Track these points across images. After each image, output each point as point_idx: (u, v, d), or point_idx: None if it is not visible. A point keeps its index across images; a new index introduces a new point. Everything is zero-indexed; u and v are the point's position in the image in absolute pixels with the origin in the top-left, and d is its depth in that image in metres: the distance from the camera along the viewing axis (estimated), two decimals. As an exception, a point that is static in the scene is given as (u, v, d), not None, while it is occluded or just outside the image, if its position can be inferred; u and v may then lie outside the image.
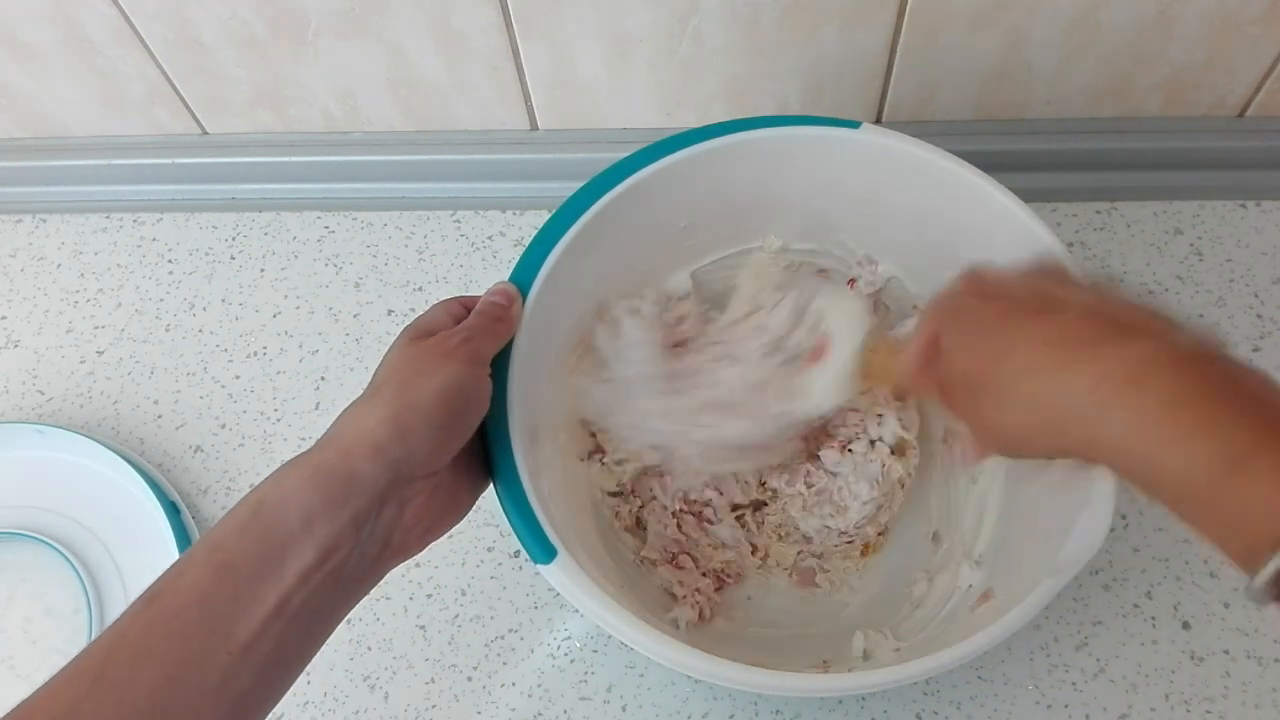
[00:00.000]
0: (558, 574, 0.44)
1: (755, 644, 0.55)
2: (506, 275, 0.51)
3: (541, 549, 0.44)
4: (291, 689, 0.50)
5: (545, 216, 0.52)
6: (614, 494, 0.58)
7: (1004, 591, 0.48)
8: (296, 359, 0.68)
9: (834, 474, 0.56)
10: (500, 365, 0.48)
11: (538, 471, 0.48)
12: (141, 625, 0.35)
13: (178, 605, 0.36)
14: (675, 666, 0.43)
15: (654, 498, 0.58)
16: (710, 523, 0.58)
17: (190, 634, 0.35)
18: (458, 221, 0.73)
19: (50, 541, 0.61)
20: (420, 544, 0.43)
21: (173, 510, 0.61)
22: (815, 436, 0.57)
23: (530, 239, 0.51)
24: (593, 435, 0.58)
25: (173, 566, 0.37)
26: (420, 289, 0.70)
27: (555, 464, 0.54)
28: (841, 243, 0.59)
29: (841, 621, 0.55)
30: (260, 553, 0.37)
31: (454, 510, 0.45)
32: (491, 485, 0.47)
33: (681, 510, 0.58)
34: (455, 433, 0.43)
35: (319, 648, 0.40)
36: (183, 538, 0.60)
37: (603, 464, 0.57)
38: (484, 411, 0.45)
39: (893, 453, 0.57)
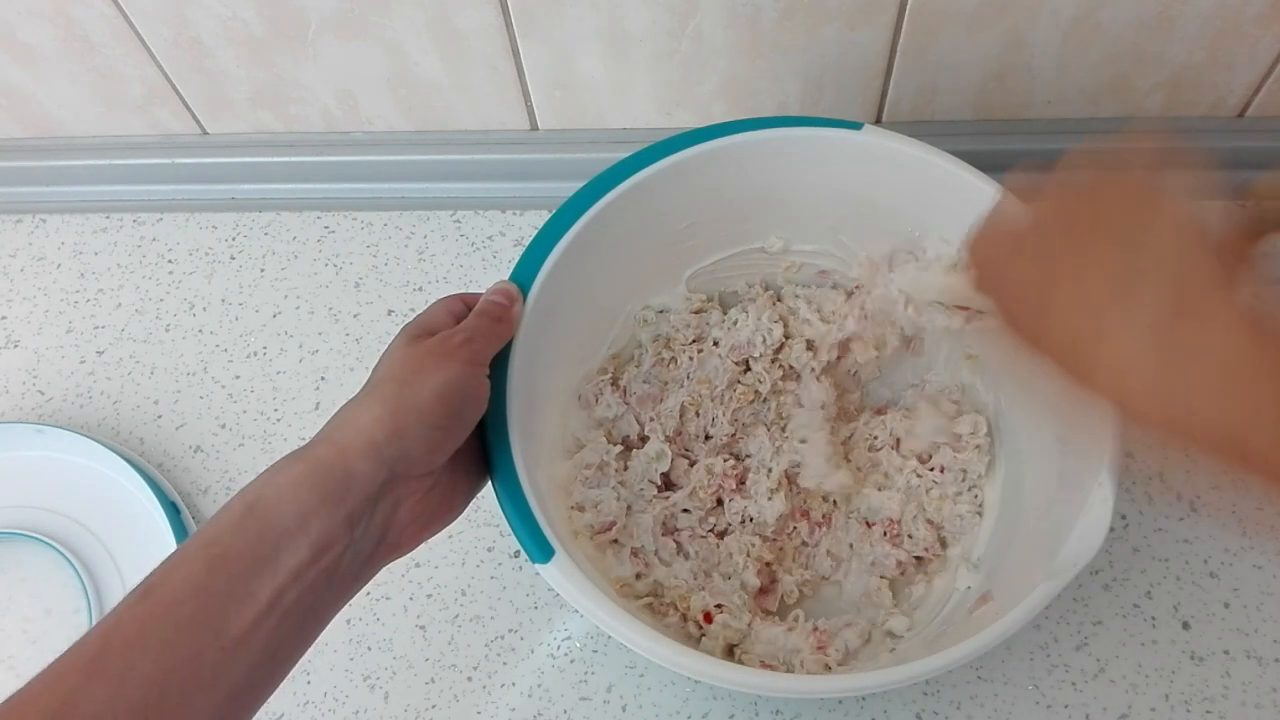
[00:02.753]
0: (555, 574, 0.44)
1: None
2: (507, 275, 0.51)
3: (539, 548, 0.44)
4: (291, 689, 0.50)
5: (545, 216, 0.52)
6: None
7: (1003, 593, 0.48)
8: (296, 359, 0.68)
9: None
10: (500, 365, 0.48)
11: (536, 471, 0.48)
12: (135, 618, 0.35)
13: (172, 599, 0.36)
14: (674, 667, 0.43)
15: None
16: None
17: (184, 628, 0.35)
18: (458, 221, 0.73)
19: (50, 541, 0.61)
20: (414, 542, 0.43)
21: (173, 510, 0.61)
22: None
23: (530, 239, 0.51)
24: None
25: (167, 560, 0.37)
26: (420, 289, 0.70)
27: (554, 464, 0.54)
28: (842, 243, 0.59)
29: (839, 622, 0.55)
30: (255, 548, 0.37)
31: (449, 509, 0.45)
32: (490, 484, 0.47)
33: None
34: (452, 433, 0.43)
35: (312, 643, 0.40)
36: (182, 537, 0.60)
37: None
38: (481, 411, 0.45)
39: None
